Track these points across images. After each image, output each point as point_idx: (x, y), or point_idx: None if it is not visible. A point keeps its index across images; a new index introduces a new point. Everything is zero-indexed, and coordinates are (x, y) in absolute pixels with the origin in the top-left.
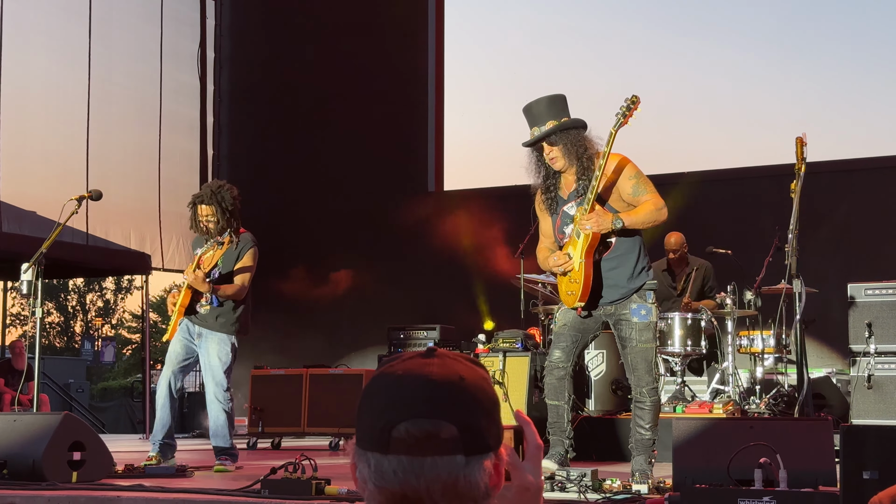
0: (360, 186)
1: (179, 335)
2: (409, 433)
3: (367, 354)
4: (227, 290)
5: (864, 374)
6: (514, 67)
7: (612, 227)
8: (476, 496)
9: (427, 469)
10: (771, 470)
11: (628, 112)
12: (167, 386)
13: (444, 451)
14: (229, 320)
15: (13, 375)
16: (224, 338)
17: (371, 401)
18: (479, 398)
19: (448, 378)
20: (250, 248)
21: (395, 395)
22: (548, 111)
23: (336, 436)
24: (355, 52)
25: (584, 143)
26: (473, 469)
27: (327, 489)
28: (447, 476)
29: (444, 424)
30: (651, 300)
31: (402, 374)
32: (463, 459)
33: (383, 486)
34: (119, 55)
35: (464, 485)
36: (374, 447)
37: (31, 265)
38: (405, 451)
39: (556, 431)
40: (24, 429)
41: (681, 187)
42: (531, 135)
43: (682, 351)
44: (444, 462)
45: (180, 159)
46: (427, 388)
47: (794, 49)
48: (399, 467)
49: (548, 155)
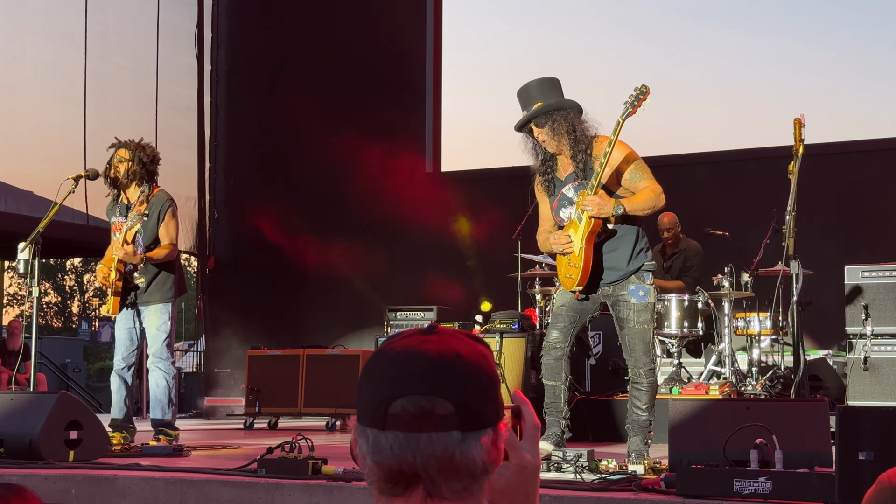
0: (357, 167)
1: (123, 324)
2: (404, 409)
3: (364, 335)
4: (159, 255)
5: (861, 356)
6: (512, 49)
7: (613, 212)
8: (473, 472)
9: (423, 445)
10: (767, 451)
11: (637, 102)
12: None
13: (440, 427)
14: (165, 287)
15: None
16: (161, 307)
17: (369, 377)
18: (476, 374)
19: (444, 354)
20: (169, 206)
21: (391, 372)
22: (537, 94)
23: (333, 416)
24: (353, 33)
25: (573, 123)
26: (470, 445)
27: (324, 469)
28: (443, 452)
29: (439, 401)
30: (649, 281)
31: (400, 351)
32: (459, 435)
33: (381, 462)
34: (116, 34)
35: (460, 460)
36: (373, 423)
37: (28, 244)
38: (401, 427)
39: (552, 412)
40: (21, 408)
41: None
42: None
43: (678, 333)
44: (440, 438)
45: (177, 139)
46: (423, 365)
47: (792, 30)
48: (396, 443)
49: (538, 137)
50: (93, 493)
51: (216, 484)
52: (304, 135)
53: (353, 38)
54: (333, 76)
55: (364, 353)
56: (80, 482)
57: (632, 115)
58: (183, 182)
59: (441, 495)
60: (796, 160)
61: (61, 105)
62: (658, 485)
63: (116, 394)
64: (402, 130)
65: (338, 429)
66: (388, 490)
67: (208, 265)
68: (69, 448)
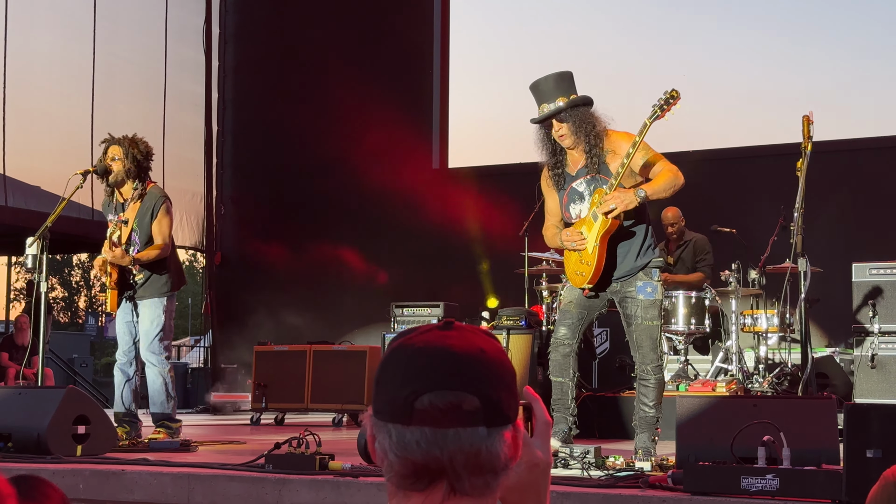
0: (364, 163)
1: (122, 318)
2: (432, 405)
3: (371, 331)
4: (150, 255)
5: (868, 354)
6: (519, 45)
7: (637, 199)
8: (497, 467)
9: (450, 440)
10: (774, 448)
11: (666, 107)
12: (119, 368)
13: (467, 422)
14: (160, 283)
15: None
16: (155, 301)
17: (391, 372)
18: (499, 370)
19: (469, 350)
20: (162, 202)
21: (416, 367)
22: (557, 88)
23: (339, 412)
24: (360, 28)
25: (593, 120)
26: (495, 441)
27: (331, 464)
28: (470, 447)
29: (466, 396)
30: (657, 278)
31: (423, 346)
32: (485, 431)
33: (405, 457)
34: (124, 30)
35: (486, 456)
36: (396, 419)
37: (36, 239)
38: (428, 423)
39: (559, 409)
40: (29, 402)
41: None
42: (539, 111)
43: (685, 329)
44: (467, 434)
45: (185, 135)
46: (449, 360)
47: (801, 27)
48: (422, 438)
49: (557, 132)
50: (100, 488)
51: (223, 479)
52: (310, 130)
53: (360, 34)
54: (340, 72)
55: (371, 349)
56: (87, 477)
57: (660, 118)
58: (190, 177)
59: (464, 491)
60: (805, 157)
61: (69, 100)
62: (665, 482)
63: (118, 388)
64: (410, 126)
65: (345, 424)
66: (409, 485)
67: (215, 261)
68: (77, 443)
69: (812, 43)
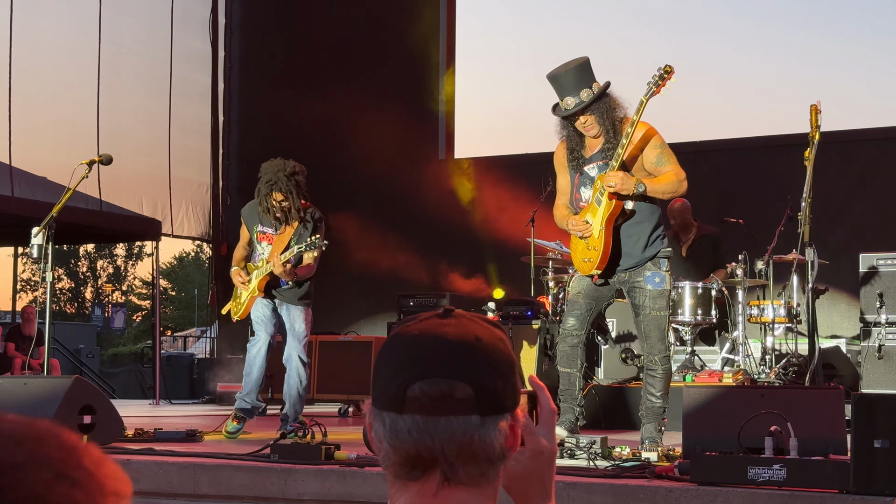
0: (370, 154)
1: (260, 304)
2: (423, 393)
3: (377, 322)
4: (305, 274)
5: (876, 345)
6: (525, 36)
7: (634, 190)
8: (491, 456)
9: (441, 429)
10: (781, 438)
11: (661, 82)
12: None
13: (459, 410)
14: (305, 294)
15: (24, 340)
16: (302, 310)
17: (386, 361)
18: (495, 358)
19: (463, 338)
20: (321, 224)
21: (410, 355)
22: (579, 80)
23: (345, 402)
24: (366, 19)
25: (615, 107)
26: (488, 429)
27: (337, 454)
28: (462, 436)
29: (458, 384)
30: (665, 268)
31: (418, 334)
32: (478, 419)
33: (398, 446)
34: (130, 20)
35: (478, 445)
36: (390, 407)
37: (42, 229)
38: (420, 411)
39: (566, 399)
40: (35, 392)
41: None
42: (563, 104)
43: (692, 320)
44: (459, 422)
45: (191, 125)
46: (442, 348)
47: (808, 17)
48: (413, 427)
49: (583, 124)
50: None
51: (229, 469)
52: (316, 121)
53: (366, 25)
54: (346, 62)
55: (377, 339)
56: None
57: (655, 94)
58: (196, 168)
59: (458, 480)
60: (812, 147)
61: (75, 90)
62: (672, 472)
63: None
64: (416, 117)
65: (350, 415)
66: (404, 474)
67: (221, 251)
68: (83, 432)
69: (821, 33)
